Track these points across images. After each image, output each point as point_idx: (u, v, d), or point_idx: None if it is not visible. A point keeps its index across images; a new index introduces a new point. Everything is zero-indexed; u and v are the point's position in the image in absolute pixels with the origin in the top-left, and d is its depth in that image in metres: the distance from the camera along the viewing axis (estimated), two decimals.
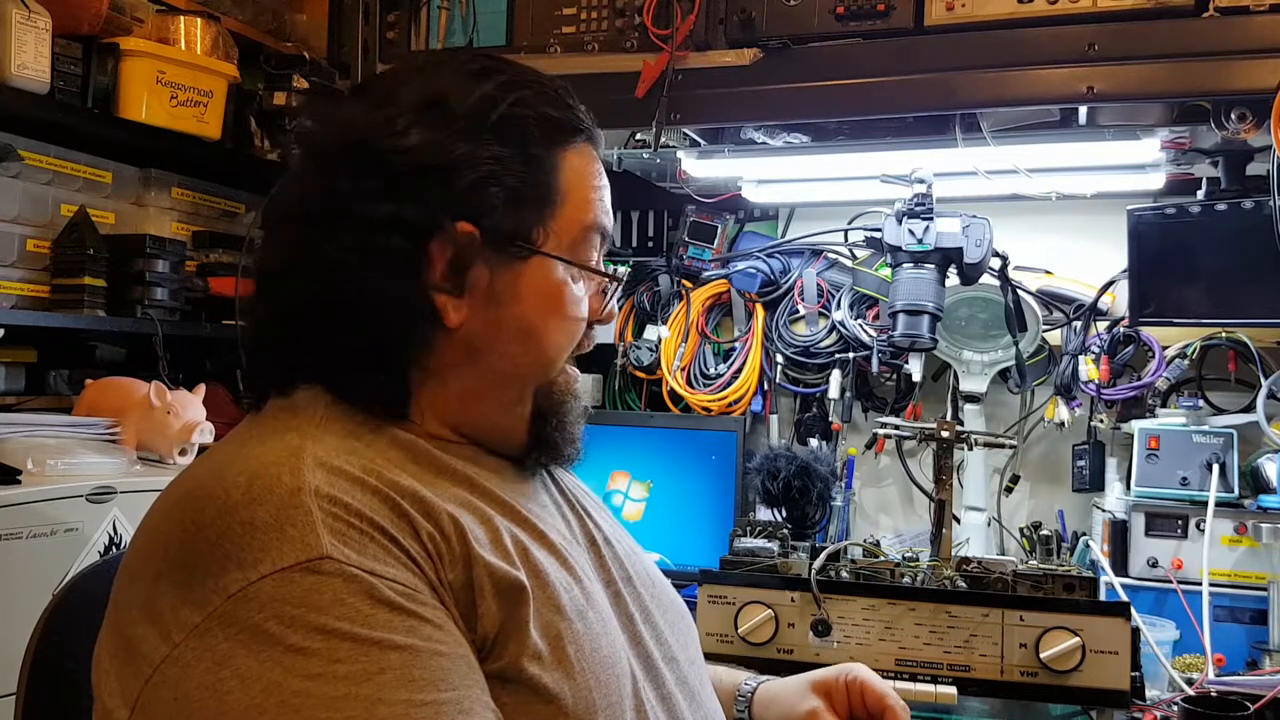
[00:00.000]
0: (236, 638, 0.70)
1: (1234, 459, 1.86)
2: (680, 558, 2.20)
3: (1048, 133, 1.80)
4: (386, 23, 1.97)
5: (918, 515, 2.27)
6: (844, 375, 2.24)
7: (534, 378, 0.94)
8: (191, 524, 0.76)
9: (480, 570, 0.80)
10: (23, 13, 1.77)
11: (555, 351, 0.95)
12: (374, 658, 0.71)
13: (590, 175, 0.97)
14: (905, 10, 1.65)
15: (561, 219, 0.93)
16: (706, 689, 1.04)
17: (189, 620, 0.72)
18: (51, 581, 1.50)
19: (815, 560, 1.60)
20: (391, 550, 0.76)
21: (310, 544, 0.73)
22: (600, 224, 0.96)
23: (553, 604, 0.84)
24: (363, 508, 0.77)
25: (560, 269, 0.93)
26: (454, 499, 0.85)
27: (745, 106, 1.76)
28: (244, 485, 0.76)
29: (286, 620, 0.70)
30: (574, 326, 0.96)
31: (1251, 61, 1.51)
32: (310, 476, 0.77)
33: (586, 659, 0.83)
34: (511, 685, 0.79)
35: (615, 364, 2.43)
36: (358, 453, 0.84)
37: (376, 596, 0.73)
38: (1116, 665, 1.47)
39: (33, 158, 1.94)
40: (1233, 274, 1.90)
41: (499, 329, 0.91)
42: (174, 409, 1.82)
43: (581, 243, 0.95)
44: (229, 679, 0.69)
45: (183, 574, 0.74)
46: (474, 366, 0.91)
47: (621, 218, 2.50)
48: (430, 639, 0.74)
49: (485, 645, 0.79)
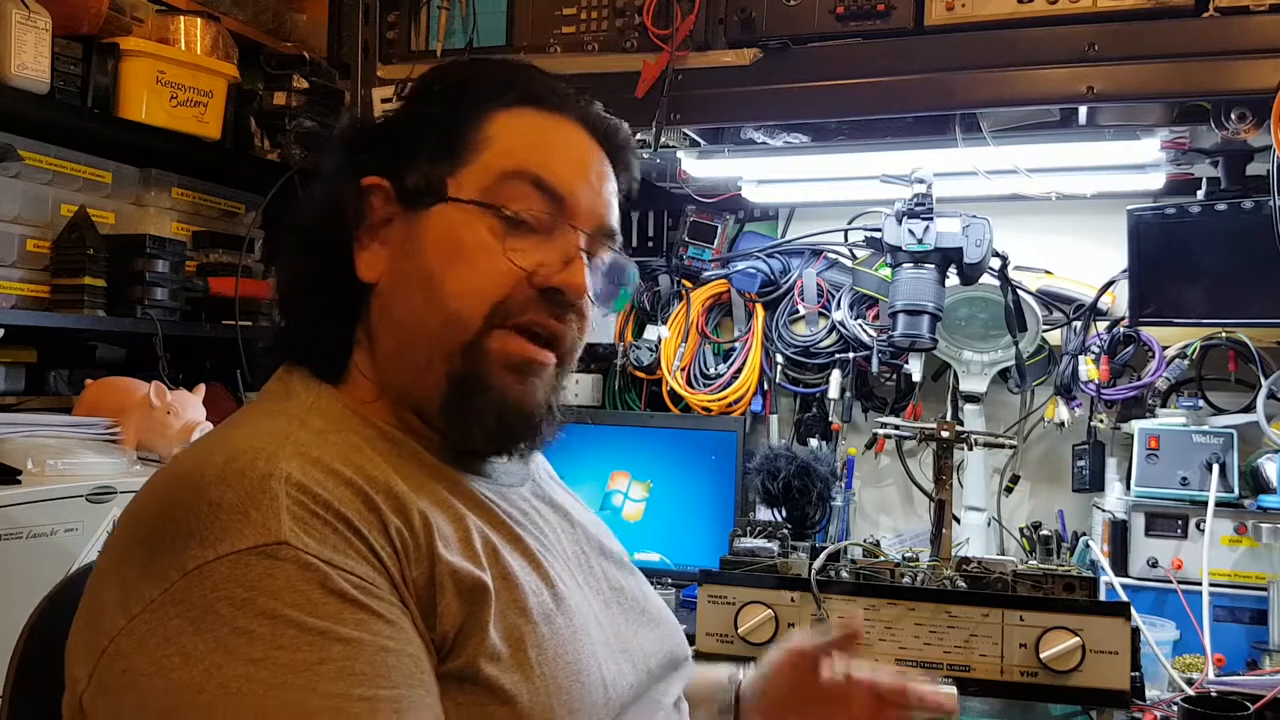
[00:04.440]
0: (187, 615, 0.71)
1: (1234, 459, 1.86)
2: (680, 558, 2.20)
3: (1048, 133, 1.80)
4: (386, 23, 1.97)
5: (918, 515, 2.27)
6: (844, 375, 2.24)
7: (440, 334, 0.89)
8: (166, 501, 0.77)
9: (442, 569, 0.80)
10: (23, 13, 1.77)
11: (456, 300, 0.88)
12: (317, 647, 0.71)
13: (532, 133, 0.93)
14: (905, 10, 1.65)
15: (475, 167, 0.91)
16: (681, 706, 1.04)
17: (147, 594, 0.73)
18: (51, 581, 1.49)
19: (815, 560, 1.60)
20: (353, 543, 0.76)
21: (271, 529, 0.73)
22: (533, 172, 0.91)
23: (518, 606, 0.83)
24: (331, 499, 0.77)
25: (467, 215, 0.90)
26: (430, 496, 0.85)
27: (745, 106, 1.76)
28: (219, 466, 0.77)
29: (237, 602, 0.71)
30: (480, 275, 0.89)
31: (1251, 61, 1.51)
32: (285, 464, 0.77)
33: (549, 663, 0.82)
34: (469, 686, 0.79)
35: (615, 364, 2.43)
36: (343, 443, 0.85)
37: (329, 586, 0.73)
38: (1116, 665, 1.47)
39: (33, 158, 1.94)
40: (1233, 274, 1.90)
41: (404, 280, 0.91)
42: (174, 409, 1.82)
43: (499, 188, 0.90)
44: (174, 656, 0.70)
45: (149, 548, 0.75)
46: (386, 323, 0.92)
47: (621, 217, 2.49)
48: (378, 634, 0.74)
49: (445, 644, 0.79)
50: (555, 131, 0.95)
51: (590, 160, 0.97)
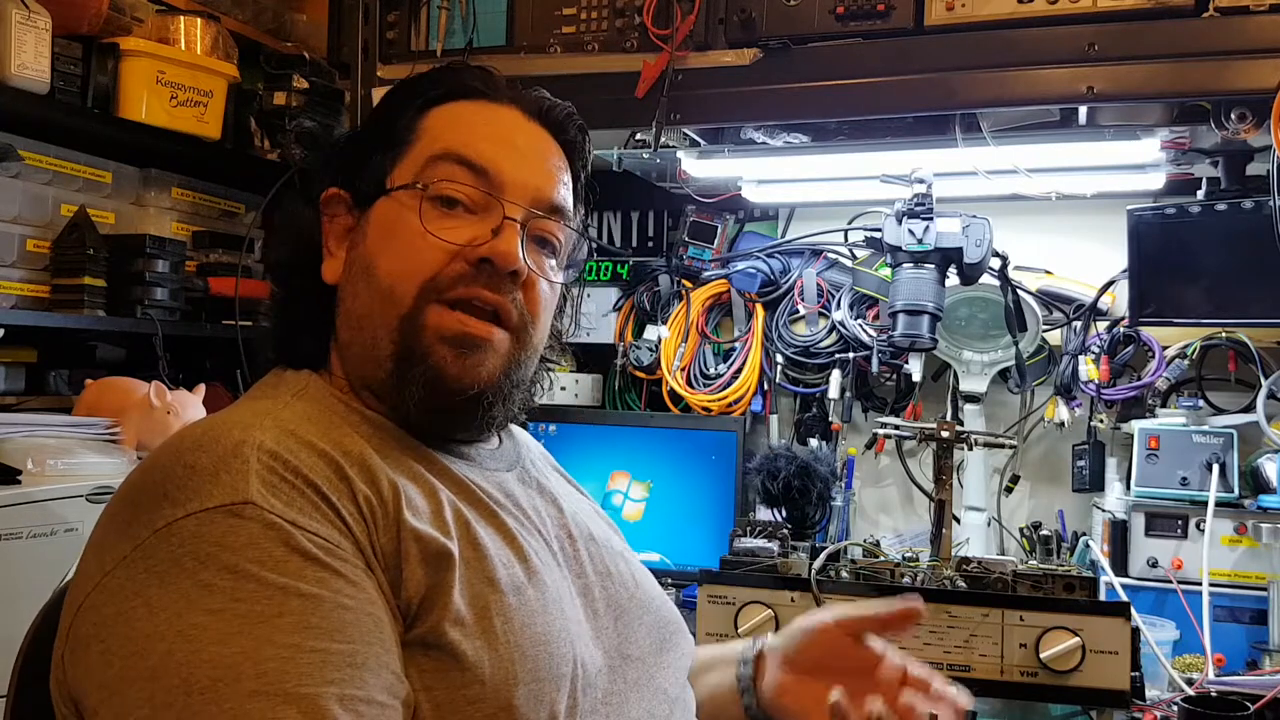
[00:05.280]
0: (154, 569, 0.74)
1: (1234, 459, 1.86)
2: (680, 558, 2.20)
3: (1048, 133, 1.80)
4: (386, 23, 1.97)
5: (918, 515, 2.27)
6: (844, 375, 2.24)
7: (380, 314, 0.92)
8: (148, 470, 0.82)
9: (407, 535, 0.82)
10: (23, 13, 1.77)
11: (389, 279, 0.92)
12: (276, 601, 0.73)
13: (460, 119, 0.98)
14: (905, 10, 1.64)
15: (409, 159, 0.96)
16: (679, 695, 1.03)
17: (121, 551, 0.76)
18: (51, 581, 1.49)
19: (815, 560, 1.60)
20: (320, 508, 0.79)
21: (238, 489, 0.76)
22: (456, 152, 0.95)
23: (485, 576, 0.85)
24: (301, 465, 0.80)
25: (399, 202, 0.94)
26: (406, 471, 0.88)
27: (745, 106, 1.76)
28: (198, 435, 0.81)
29: (201, 557, 0.74)
30: (409, 253, 0.92)
31: (1251, 61, 1.50)
32: (259, 433, 0.81)
33: (515, 633, 0.84)
34: (434, 651, 0.80)
35: (615, 364, 2.43)
36: (325, 422, 0.88)
37: (292, 545, 0.75)
38: (1116, 665, 1.47)
39: (33, 158, 1.95)
40: (1233, 274, 1.90)
41: (352, 273, 0.96)
42: (174, 409, 1.82)
43: (426, 171, 0.95)
44: (139, 607, 0.73)
45: (128, 510, 0.79)
46: (344, 315, 0.96)
47: (621, 218, 2.50)
48: (338, 591, 0.76)
49: (410, 611, 0.81)
50: (483, 113, 0.99)
51: (521, 135, 0.99)
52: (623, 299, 2.45)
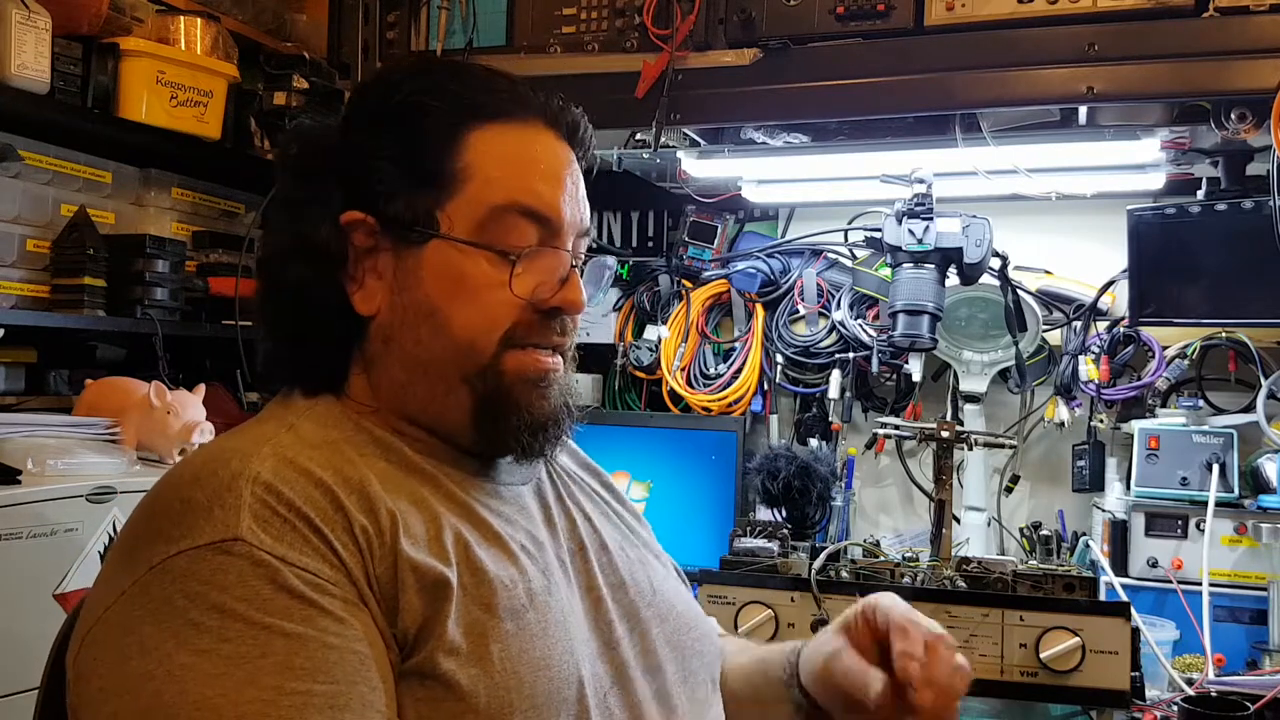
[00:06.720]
0: (148, 606, 0.75)
1: (1234, 459, 1.86)
2: (680, 558, 2.17)
3: (1048, 133, 1.80)
4: (386, 23, 1.97)
5: (918, 515, 2.27)
6: (844, 375, 2.24)
7: (454, 363, 0.92)
8: (151, 502, 0.83)
9: (404, 565, 0.82)
10: (23, 13, 1.77)
11: (465, 333, 0.91)
12: (260, 641, 0.74)
13: (509, 155, 0.94)
14: (905, 10, 1.64)
15: (463, 200, 0.92)
16: (700, 702, 1.02)
17: (121, 585, 0.77)
18: (51, 581, 1.50)
19: (815, 560, 1.60)
20: (311, 540, 0.79)
21: (229, 525, 0.77)
22: (521, 204, 0.93)
23: (483, 602, 0.84)
24: (295, 498, 0.80)
25: (464, 252, 0.91)
26: (408, 496, 0.87)
27: (745, 106, 1.76)
28: (198, 467, 0.82)
29: (191, 595, 0.75)
30: (486, 308, 0.91)
31: (1251, 61, 1.50)
32: (256, 464, 0.81)
33: (512, 659, 0.83)
34: (429, 681, 0.80)
35: (615, 364, 2.43)
36: (329, 444, 0.88)
37: (279, 582, 0.76)
38: (1116, 665, 1.47)
39: (33, 158, 1.94)
40: (1233, 274, 1.90)
41: (405, 314, 0.93)
42: (174, 409, 1.82)
43: (491, 223, 0.92)
44: (133, 645, 0.74)
45: (130, 543, 0.81)
46: (393, 354, 0.94)
47: (621, 218, 2.50)
48: (324, 630, 0.76)
49: (407, 641, 0.81)
50: (530, 147, 0.95)
51: (565, 168, 0.97)
52: (623, 299, 2.45)
